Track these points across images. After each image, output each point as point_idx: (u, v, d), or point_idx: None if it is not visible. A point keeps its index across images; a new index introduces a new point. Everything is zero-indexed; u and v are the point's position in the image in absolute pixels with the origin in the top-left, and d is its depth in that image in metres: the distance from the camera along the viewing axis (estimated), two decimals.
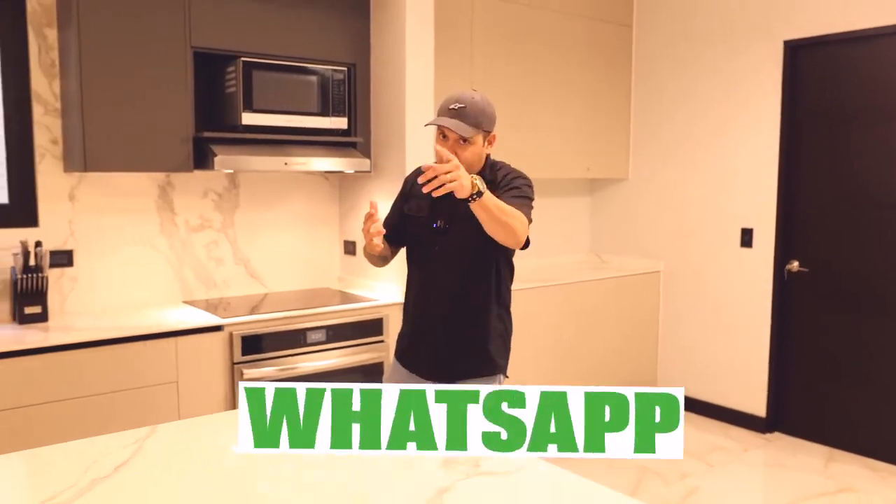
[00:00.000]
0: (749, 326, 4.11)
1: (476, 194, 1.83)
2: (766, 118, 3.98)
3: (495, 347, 2.21)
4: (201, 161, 3.00)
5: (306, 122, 3.16)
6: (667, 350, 4.57)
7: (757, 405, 4.10)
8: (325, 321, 3.11)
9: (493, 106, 2.10)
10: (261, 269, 3.54)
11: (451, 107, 2.03)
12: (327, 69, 3.22)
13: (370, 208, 2.02)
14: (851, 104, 3.69)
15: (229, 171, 3.32)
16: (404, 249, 2.31)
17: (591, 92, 4.42)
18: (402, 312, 2.32)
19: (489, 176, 2.13)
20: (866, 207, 3.66)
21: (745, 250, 4.11)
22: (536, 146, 4.15)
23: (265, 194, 3.52)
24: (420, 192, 2.15)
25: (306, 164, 3.15)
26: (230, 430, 1.54)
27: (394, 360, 2.32)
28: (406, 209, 2.24)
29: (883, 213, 3.59)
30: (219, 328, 2.87)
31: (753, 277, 4.08)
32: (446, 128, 2.04)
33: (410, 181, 2.28)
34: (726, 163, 4.18)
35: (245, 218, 3.47)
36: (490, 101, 2.10)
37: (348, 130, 3.33)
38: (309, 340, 3.05)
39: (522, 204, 2.06)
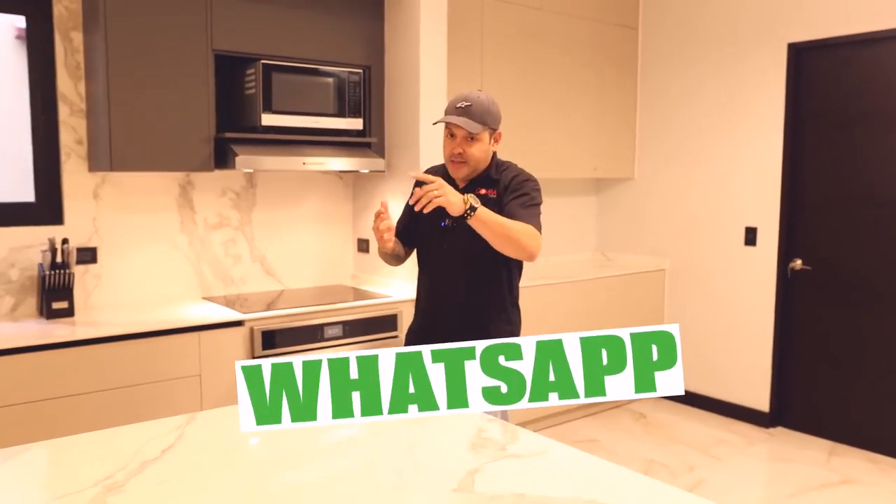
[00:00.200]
0: (753, 323, 4.20)
1: (469, 210, 1.95)
2: (769, 119, 4.06)
3: None
4: (221, 161, 3.08)
5: (323, 123, 3.25)
6: None
7: (761, 400, 4.19)
8: (341, 317, 3.19)
9: (497, 105, 2.19)
10: (277, 266, 3.62)
11: (459, 105, 2.12)
12: (343, 71, 3.30)
13: (380, 207, 2.11)
14: (854, 106, 3.77)
15: (249, 171, 3.40)
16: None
17: (598, 93, 4.51)
18: (413, 308, 2.41)
19: (495, 175, 2.20)
20: (868, 206, 3.74)
21: (749, 248, 4.20)
22: (545, 146, 4.24)
23: (281, 193, 3.60)
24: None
25: (323, 163, 3.23)
26: None
27: None
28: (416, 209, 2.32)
29: (884, 212, 3.68)
30: (240, 323, 2.95)
31: (757, 275, 4.16)
32: (454, 125, 2.12)
33: (418, 183, 2.36)
34: (731, 163, 4.26)
35: (262, 216, 3.55)
36: (495, 101, 2.19)
37: (363, 131, 3.42)
38: (326, 335, 3.14)
39: (532, 215, 2.11)
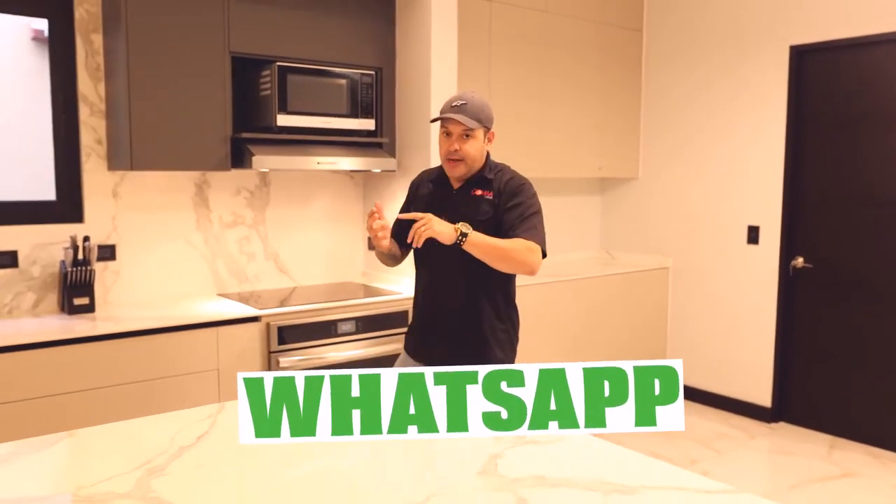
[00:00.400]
0: (755, 320, 4.28)
1: (461, 236, 2.05)
2: (771, 119, 4.13)
3: (500, 341, 2.32)
4: (237, 160, 3.16)
5: (336, 124, 3.32)
6: (675, 343, 4.73)
7: (762, 396, 4.26)
8: (354, 313, 3.27)
9: (490, 107, 2.27)
10: (289, 263, 3.70)
11: (454, 104, 2.21)
12: (356, 73, 3.37)
13: (374, 207, 2.19)
14: (854, 107, 3.84)
15: (264, 170, 3.48)
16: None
17: (603, 94, 4.58)
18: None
19: (489, 175, 2.27)
20: (869, 206, 3.82)
21: (752, 247, 4.27)
22: (551, 146, 4.31)
23: (294, 192, 3.68)
24: (424, 195, 2.35)
25: (336, 163, 3.31)
26: None
27: (403, 352, 2.46)
28: (413, 210, 2.37)
29: (884, 212, 3.75)
30: (256, 319, 3.02)
31: (759, 273, 4.24)
32: (451, 122, 2.19)
33: (415, 186, 2.44)
34: (733, 163, 4.34)
35: (275, 215, 3.63)
36: (488, 102, 2.27)
37: (375, 131, 3.49)
38: (340, 331, 3.21)
39: (530, 227, 2.17)
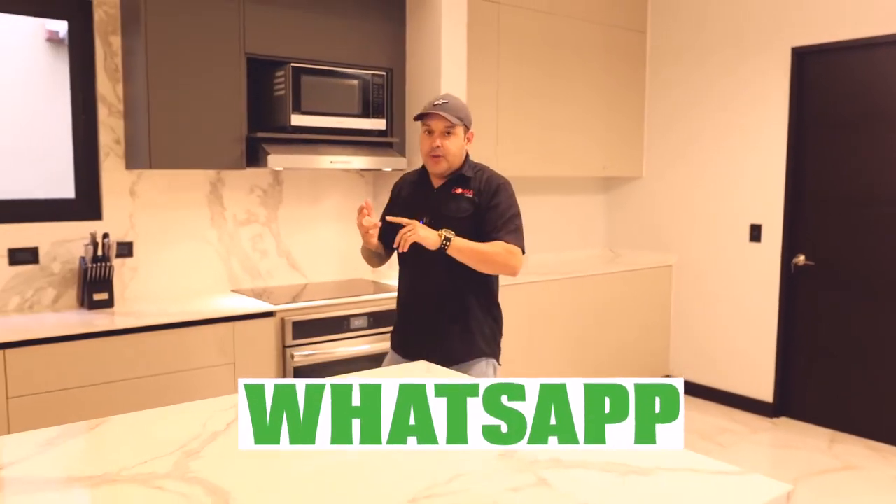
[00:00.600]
0: (757, 317, 4.35)
1: (445, 241, 2.17)
2: (773, 120, 4.21)
3: (482, 336, 2.38)
4: (252, 159, 3.23)
5: (348, 123, 3.39)
6: (678, 340, 4.80)
7: (764, 391, 4.34)
8: (365, 308, 3.34)
9: (468, 109, 2.39)
10: (301, 260, 3.77)
11: (436, 103, 2.32)
12: (367, 73, 3.44)
13: (363, 204, 2.29)
14: (855, 108, 3.92)
15: (278, 169, 3.55)
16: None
17: (608, 95, 4.66)
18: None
19: (469, 173, 2.36)
20: (869, 205, 3.89)
21: (754, 245, 4.35)
22: (557, 145, 4.39)
23: (306, 191, 3.75)
24: (406, 196, 2.45)
25: (349, 162, 3.38)
26: None
27: (390, 350, 2.53)
28: (396, 212, 2.45)
29: (884, 210, 3.83)
30: (271, 314, 3.09)
31: (762, 271, 4.32)
32: (433, 119, 2.29)
33: (397, 188, 2.54)
34: (736, 162, 4.41)
35: (287, 212, 3.70)
36: (466, 105, 2.40)
37: (386, 131, 3.56)
38: (352, 326, 3.28)
39: (511, 229, 2.28)
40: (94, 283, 3.01)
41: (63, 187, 3.17)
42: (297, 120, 3.22)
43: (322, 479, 1.34)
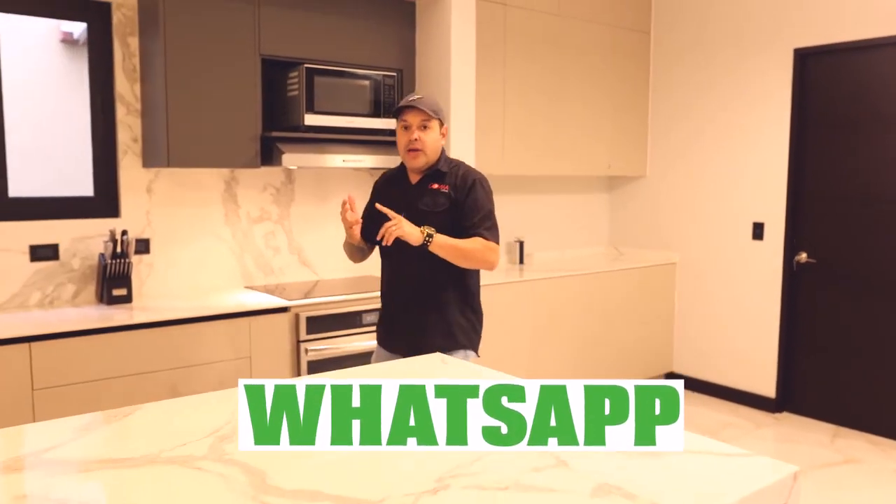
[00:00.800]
0: (760, 314, 4.42)
1: (428, 237, 2.24)
2: (776, 120, 4.28)
3: (459, 327, 2.44)
4: (266, 158, 3.30)
5: (360, 123, 3.46)
6: (682, 336, 4.87)
7: (767, 387, 4.41)
8: (378, 304, 3.39)
9: (442, 105, 2.47)
10: (312, 257, 3.84)
11: (412, 98, 2.40)
12: (378, 74, 3.51)
13: (346, 198, 2.36)
14: (856, 108, 3.98)
15: (292, 168, 3.61)
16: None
17: (612, 95, 4.73)
18: None
19: (444, 168, 2.42)
20: (869, 203, 3.96)
21: (757, 243, 4.41)
22: (562, 144, 4.46)
23: (317, 189, 3.82)
24: (387, 194, 2.50)
25: (361, 161, 3.45)
26: None
27: (376, 345, 2.60)
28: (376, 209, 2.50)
29: (884, 209, 3.90)
30: (285, 309, 3.16)
31: (764, 268, 4.38)
32: (410, 113, 2.36)
33: (377, 187, 2.61)
34: (738, 161, 4.48)
35: (299, 210, 3.77)
36: (439, 101, 2.49)
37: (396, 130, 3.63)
38: (364, 322, 3.35)
39: (489, 226, 2.35)
40: (113, 279, 3.08)
41: (75, 185, 3.23)
42: (311, 119, 3.29)
43: (351, 460, 1.41)
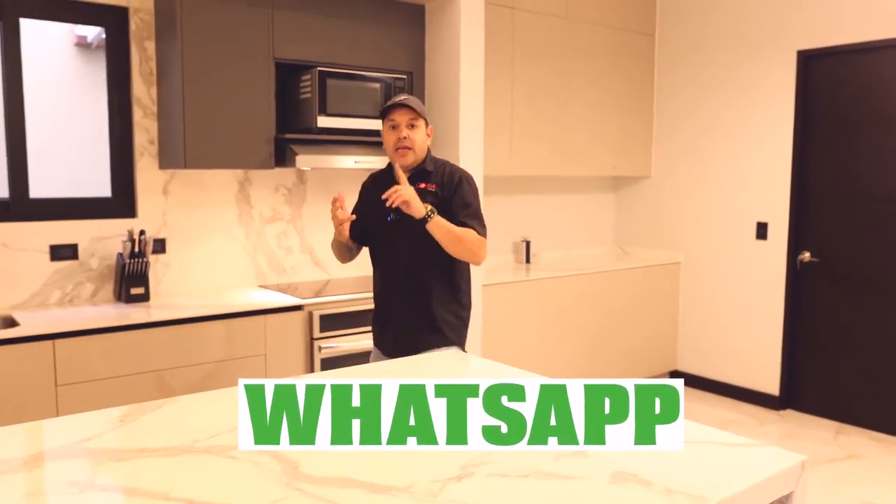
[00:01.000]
0: (763, 312, 4.48)
1: (430, 212, 2.28)
2: (779, 121, 4.34)
3: (448, 325, 2.46)
4: (280, 159, 3.36)
5: (371, 125, 3.52)
6: (686, 335, 4.93)
7: (771, 384, 4.47)
8: None
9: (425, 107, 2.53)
10: (324, 257, 3.90)
11: (398, 99, 2.45)
12: (389, 77, 3.57)
13: (336, 195, 2.39)
14: (859, 109, 4.04)
15: (305, 169, 3.68)
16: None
17: (618, 96, 4.79)
18: None
19: (430, 168, 2.47)
20: (871, 203, 4.02)
21: (761, 242, 4.47)
22: (569, 145, 4.52)
23: (328, 189, 3.88)
24: (375, 195, 2.49)
25: (372, 162, 3.50)
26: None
27: (373, 346, 2.61)
28: (364, 210, 2.56)
29: (886, 209, 3.95)
30: (299, 308, 3.23)
31: (768, 267, 4.44)
32: (398, 111, 2.41)
33: (365, 188, 2.64)
34: (742, 162, 4.54)
35: (311, 211, 3.83)
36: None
37: None
38: None
39: (480, 224, 2.40)
40: (131, 278, 3.15)
41: (89, 187, 3.29)
42: (323, 121, 3.35)
43: (379, 449, 1.47)
